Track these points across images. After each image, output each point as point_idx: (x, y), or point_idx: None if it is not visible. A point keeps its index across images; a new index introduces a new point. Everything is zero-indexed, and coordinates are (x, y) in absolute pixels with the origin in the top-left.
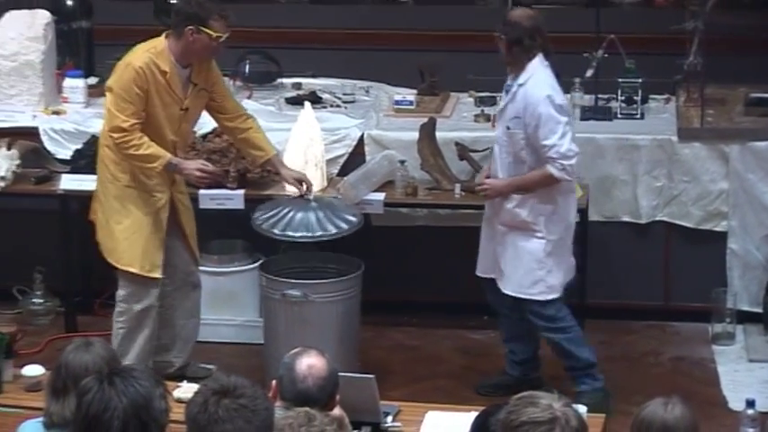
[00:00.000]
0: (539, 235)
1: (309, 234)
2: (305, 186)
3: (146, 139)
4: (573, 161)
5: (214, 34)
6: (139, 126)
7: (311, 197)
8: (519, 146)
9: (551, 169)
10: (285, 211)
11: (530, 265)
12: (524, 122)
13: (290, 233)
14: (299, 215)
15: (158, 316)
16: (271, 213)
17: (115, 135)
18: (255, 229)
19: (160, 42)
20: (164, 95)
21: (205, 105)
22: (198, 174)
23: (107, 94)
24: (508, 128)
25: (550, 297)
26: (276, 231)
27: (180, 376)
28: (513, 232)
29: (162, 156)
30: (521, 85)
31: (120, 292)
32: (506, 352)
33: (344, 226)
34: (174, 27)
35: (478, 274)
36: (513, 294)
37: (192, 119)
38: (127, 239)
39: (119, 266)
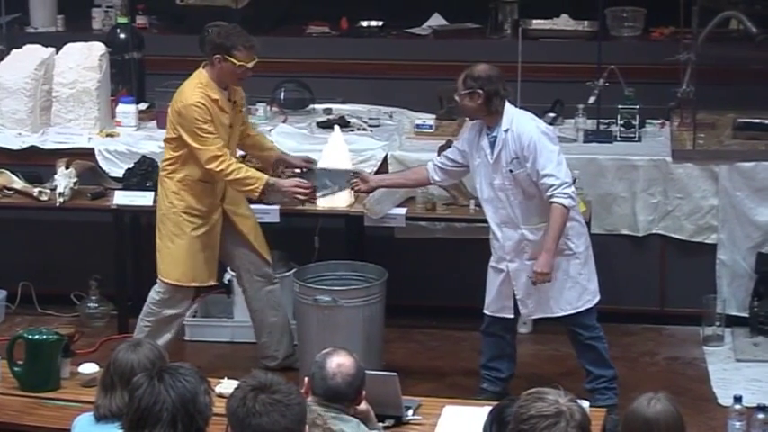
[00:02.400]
0: (568, 253)
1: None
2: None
3: (240, 163)
4: (572, 187)
5: (237, 63)
6: (227, 151)
7: (316, 167)
8: (526, 183)
9: (560, 202)
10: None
11: (571, 282)
12: (524, 159)
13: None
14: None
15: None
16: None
17: (213, 165)
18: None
19: (201, 75)
20: (221, 119)
21: None
22: (294, 189)
23: (184, 138)
24: (511, 171)
25: (595, 301)
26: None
27: (287, 367)
28: None
29: (260, 177)
30: (506, 131)
31: (155, 297)
32: (484, 372)
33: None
34: (206, 56)
35: (490, 313)
36: (565, 314)
37: (236, 134)
38: (188, 259)
39: (175, 282)
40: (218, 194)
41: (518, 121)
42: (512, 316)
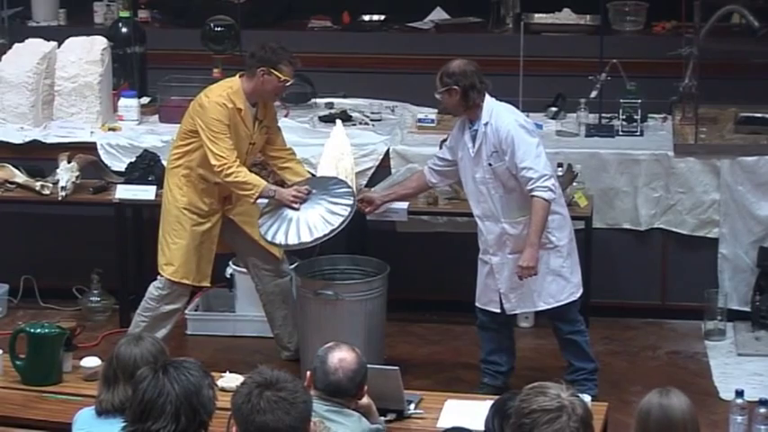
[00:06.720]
0: (550, 246)
1: (326, 232)
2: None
3: (243, 167)
4: (552, 180)
5: (282, 77)
6: (235, 153)
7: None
8: (505, 176)
9: (540, 195)
10: (289, 218)
11: (554, 276)
12: (502, 153)
13: (314, 237)
14: (304, 218)
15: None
16: (279, 227)
17: (217, 163)
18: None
19: (235, 82)
20: (239, 130)
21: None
22: (292, 198)
23: (200, 132)
24: (490, 164)
25: (579, 294)
26: (306, 240)
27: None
28: None
29: (259, 183)
30: (486, 124)
31: (154, 293)
32: (484, 367)
33: (347, 206)
34: (248, 68)
35: (481, 306)
36: (548, 307)
37: (257, 152)
38: (183, 255)
39: (168, 276)
40: (219, 196)
41: (497, 115)
42: (498, 311)
